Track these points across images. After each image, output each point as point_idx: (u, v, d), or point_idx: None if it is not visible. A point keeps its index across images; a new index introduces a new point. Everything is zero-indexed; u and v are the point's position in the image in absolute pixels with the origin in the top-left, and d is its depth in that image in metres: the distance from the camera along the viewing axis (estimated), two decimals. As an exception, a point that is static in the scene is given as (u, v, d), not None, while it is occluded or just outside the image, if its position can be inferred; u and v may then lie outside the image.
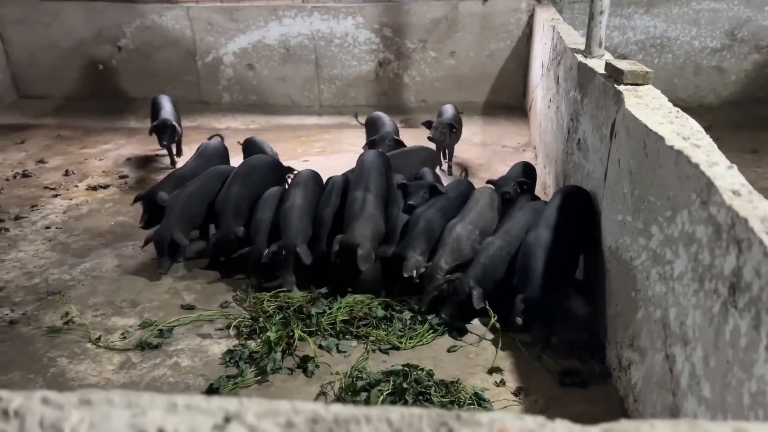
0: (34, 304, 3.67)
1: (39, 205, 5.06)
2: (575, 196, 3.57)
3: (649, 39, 7.07)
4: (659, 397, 2.28)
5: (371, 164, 4.06)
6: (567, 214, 3.43)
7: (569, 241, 3.38)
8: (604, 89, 3.33)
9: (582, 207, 3.50)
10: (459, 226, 3.65)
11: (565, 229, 3.36)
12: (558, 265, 3.24)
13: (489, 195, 4.05)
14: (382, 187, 3.99)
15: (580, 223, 3.46)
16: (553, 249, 3.25)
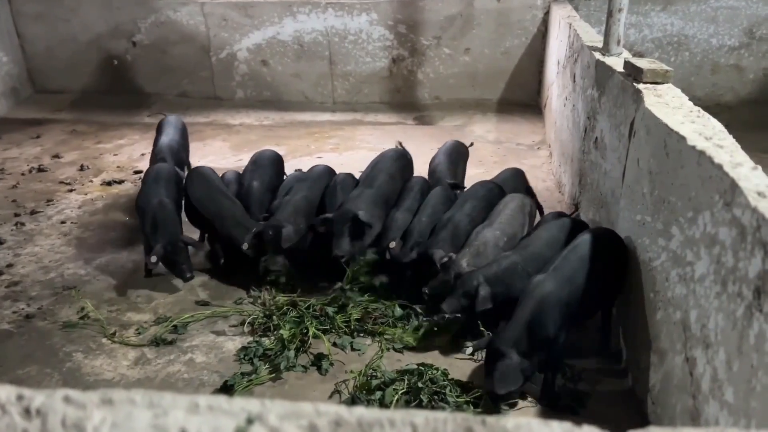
0: (50, 298, 3.69)
1: (54, 200, 5.09)
2: (604, 245, 2.99)
3: (666, 37, 6.99)
4: (678, 400, 2.26)
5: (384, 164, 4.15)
6: (589, 270, 2.86)
7: (582, 302, 2.85)
8: (623, 87, 3.30)
9: (611, 260, 2.98)
10: (487, 231, 3.49)
11: (581, 288, 2.83)
12: (553, 327, 2.76)
13: (520, 199, 3.80)
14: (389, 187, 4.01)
15: (604, 280, 2.96)
16: (554, 307, 2.76)
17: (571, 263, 2.88)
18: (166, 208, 3.78)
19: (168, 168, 4.23)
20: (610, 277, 3.00)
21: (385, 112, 7.26)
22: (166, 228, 3.67)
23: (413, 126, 6.89)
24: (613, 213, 3.37)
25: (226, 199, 3.92)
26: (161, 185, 3.97)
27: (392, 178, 4.08)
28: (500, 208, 3.68)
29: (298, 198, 3.84)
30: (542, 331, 2.72)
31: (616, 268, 3.00)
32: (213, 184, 4.03)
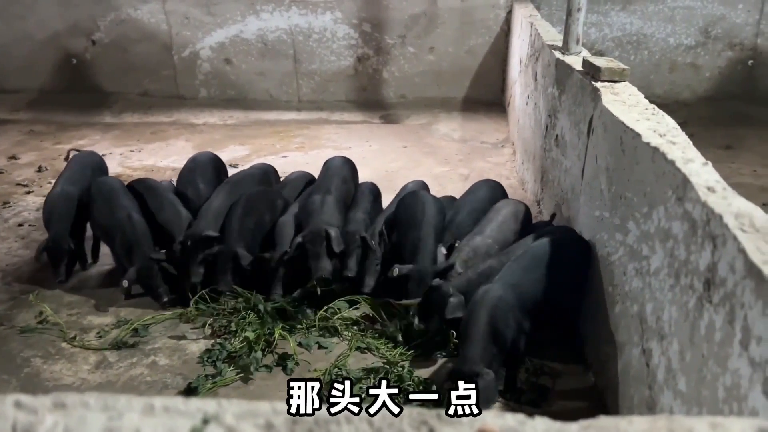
0: (7, 303, 3.60)
1: (11, 202, 4.96)
2: (562, 247, 3.02)
3: (625, 36, 7.15)
4: (636, 391, 2.31)
5: (336, 169, 4.09)
6: (542, 273, 2.89)
7: (536, 306, 2.85)
8: (582, 86, 3.36)
9: (569, 265, 3.00)
10: (478, 238, 3.39)
11: (536, 292, 2.85)
12: (507, 334, 2.73)
13: (514, 205, 3.69)
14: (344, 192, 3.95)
15: (561, 285, 2.96)
16: (503, 314, 2.74)
17: (513, 270, 2.94)
18: (136, 224, 3.58)
19: (117, 180, 4.08)
20: (565, 278, 3.00)
21: (350, 111, 7.27)
22: (140, 248, 3.49)
23: (379, 125, 6.92)
24: (573, 209, 3.43)
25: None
26: (123, 198, 3.76)
27: (345, 182, 4.03)
28: (492, 215, 3.58)
29: (217, 204, 3.74)
30: (501, 339, 2.71)
31: (571, 269, 3.01)
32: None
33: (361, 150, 6.00)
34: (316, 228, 3.45)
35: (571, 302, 3.13)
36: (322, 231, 3.42)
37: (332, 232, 3.42)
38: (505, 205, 3.67)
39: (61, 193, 3.91)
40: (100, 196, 3.78)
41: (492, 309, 2.74)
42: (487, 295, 2.78)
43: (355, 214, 3.79)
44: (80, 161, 4.35)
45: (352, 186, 4.13)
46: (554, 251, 2.98)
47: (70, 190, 3.92)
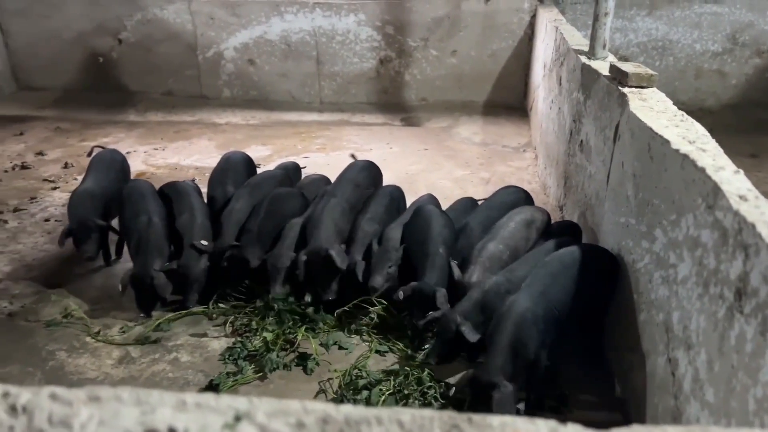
0: (33, 297, 3.66)
1: (38, 198, 5.03)
2: (591, 262, 2.92)
3: (650, 41, 7.08)
4: (661, 401, 2.29)
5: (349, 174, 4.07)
6: (571, 288, 2.82)
7: (562, 319, 2.79)
8: (608, 91, 3.33)
9: (597, 279, 2.91)
10: (491, 244, 3.33)
11: (563, 306, 2.79)
12: (530, 346, 2.66)
13: (530, 212, 3.61)
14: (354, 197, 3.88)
15: (587, 300, 2.89)
16: (529, 327, 2.67)
17: (540, 276, 2.84)
18: (152, 230, 3.57)
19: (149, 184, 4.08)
20: (592, 291, 2.91)
21: (371, 113, 7.27)
22: (145, 256, 3.46)
23: (400, 127, 6.91)
24: (597, 215, 3.41)
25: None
26: (148, 202, 3.76)
27: (358, 187, 3.98)
28: (504, 221, 3.50)
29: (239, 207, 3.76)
30: (524, 351, 2.64)
31: (597, 282, 2.93)
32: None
33: (382, 152, 6.01)
34: (315, 247, 3.39)
35: (597, 315, 3.06)
36: (322, 251, 3.35)
37: (333, 252, 3.34)
38: (519, 213, 3.59)
39: (86, 190, 3.96)
40: (130, 199, 3.79)
41: (518, 322, 2.67)
42: (515, 307, 2.71)
43: (362, 221, 3.68)
44: (104, 161, 4.38)
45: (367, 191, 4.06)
46: (584, 259, 2.91)
47: (94, 189, 3.96)
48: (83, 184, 4.08)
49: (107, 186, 4.04)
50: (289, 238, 3.56)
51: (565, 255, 2.95)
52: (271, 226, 3.65)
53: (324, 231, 3.48)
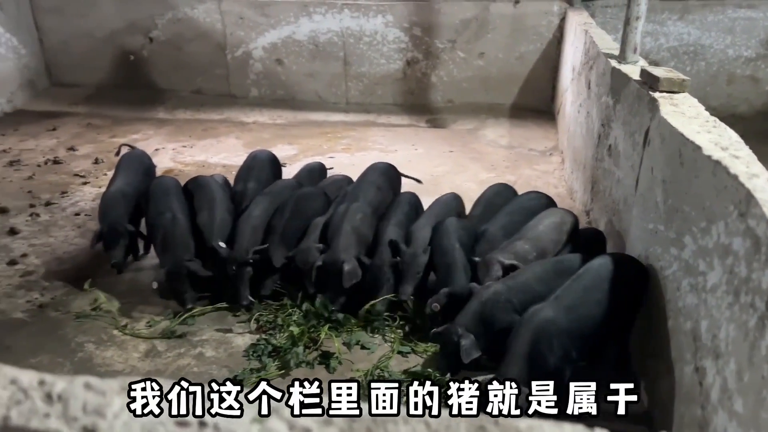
0: (63, 289, 3.73)
1: (69, 192, 5.13)
2: (623, 274, 2.83)
3: (682, 46, 6.97)
4: (687, 410, 2.26)
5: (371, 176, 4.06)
6: (603, 302, 2.75)
7: (591, 332, 2.75)
8: (639, 96, 3.30)
9: (629, 291, 2.84)
10: (517, 244, 3.30)
11: (586, 317, 2.73)
12: (549, 359, 2.62)
13: (560, 215, 3.57)
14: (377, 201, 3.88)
15: (618, 312, 2.82)
16: (548, 338, 2.63)
17: (574, 292, 2.77)
18: (177, 226, 3.63)
19: (175, 180, 4.13)
20: (622, 307, 2.84)
21: (397, 114, 7.28)
22: (174, 251, 3.53)
23: (425, 128, 6.91)
24: (625, 221, 3.37)
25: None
26: (172, 199, 3.82)
27: (380, 190, 3.98)
28: (534, 223, 3.48)
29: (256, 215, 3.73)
30: (542, 363, 2.59)
31: (628, 298, 2.85)
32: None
33: (407, 153, 6.01)
34: (332, 258, 3.39)
35: (626, 324, 2.98)
36: (338, 263, 3.35)
37: (346, 267, 3.33)
38: (551, 215, 3.55)
39: (117, 191, 4.00)
40: (154, 196, 3.86)
41: (537, 331, 2.63)
42: (536, 316, 2.68)
43: (387, 227, 3.67)
44: (133, 163, 4.42)
45: (388, 194, 4.07)
46: (617, 272, 2.82)
47: (126, 190, 4.00)
48: (114, 184, 4.13)
49: (138, 186, 4.10)
50: (314, 234, 3.60)
51: (600, 268, 2.85)
52: (296, 226, 3.68)
53: (342, 240, 3.46)
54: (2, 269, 3.94)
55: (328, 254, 3.42)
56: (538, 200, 3.89)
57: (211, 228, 3.65)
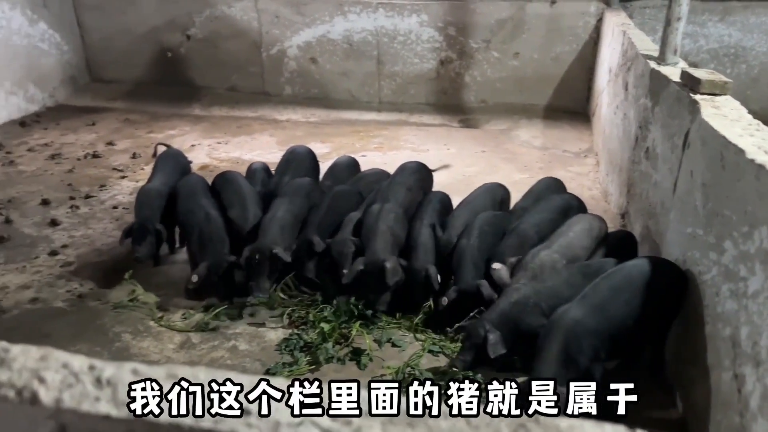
0: (102, 280, 3.82)
1: (107, 185, 5.25)
2: (658, 278, 2.75)
3: (722, 48, 6.84)
4: (725, 418, 2.22)
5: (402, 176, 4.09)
6: (629, 300, 2.71)
7: (619, 335, 2.71)
8: (679, 98, 3.25)
9: (663, 295, 2.78)
10: (544, 253, 3.24)
11: (617, 319, 2.69)
12: (580, 360, 2.60)
13: (589, 221, 3.50)
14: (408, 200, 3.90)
15: (652, 316, 2.76)
16: (578, 339, 2.62)
17: (601, 291, 2.74)
18: (212, 223, 3.68)
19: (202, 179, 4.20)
20: (655, 310, 2.77)
21: (430, 114, 7.28)
22: (213, 245, 3.57)
23: (458, 128, 6.90)
24: (662, 224, 3.32)
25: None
26: (202, 197, 3.90)
27: (410, 190, 4.00)
28: (563, 229, 3.42)
29: (281, 214, 3.75)
30: (574, 363, 2.57)
31: (661, 302, 2.79)
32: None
33: (439, 153, 6.01)
34: (373, 259, 3.39)
35: (661, 329, 2.92)
36: (378, 263, 3.35)
37: (388, 265, 3.34)
38: (579, 221, 3.50)
39: (153, 188, 4.08)
40: (184, 194, 3.94)
41: (567, 333, 2.61)
42: (564, 317, 2.66)
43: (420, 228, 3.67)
44: (170, 162, 4.49)
45: (419, 194, 4.08)
46: (652, 275, 2.76)
47: (162, 189, 4.07)
48: (152, 182, 4.21)
49: (174, 185, 4.16)
50: (349, 227, 3.66)
51: (632, 269, 2.82)
52: (331, 221, 3.74)
53: (380, 241, 3.49)
54: (44, 259, 4.05)
55: (367, 256, 3.43)
56: (573, 201, 3.89)
57: (245, 222, 3.71)
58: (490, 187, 4.08)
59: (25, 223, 4.56)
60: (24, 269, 3.93)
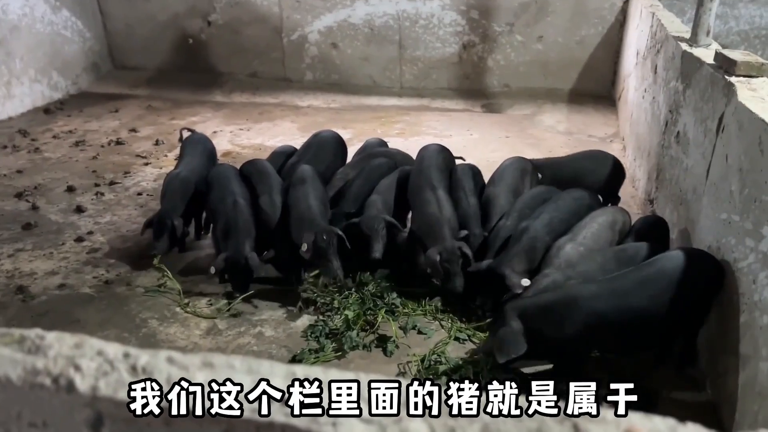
0: (128, 266, 3.85)
1: (131, 172, 5.28)
2: (693, 273, 2.66)
3: (753, 29, 6.66)
4: (762, 408, 2.17)
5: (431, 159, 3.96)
6: (656, 296, 2.64)
7: (633, 327, 2.68)
8: (713, 80, 3.16)
9: (694, 293, 2.69)
10: (569, 246, 3.17)
11: (633, 310, 2.65)
12: (570, 328, 2.66)
13: (612, 213, 3.44)
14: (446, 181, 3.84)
15: (679, 313, 2.68)
16: (578, 311, 2.66)
17: (629, 281, 2.69)
18: (239, 212, 3.63)
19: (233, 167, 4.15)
20: (686, 306, 2.68)
21: (452, 99, 7.21)
22: (236, 236, 3.51)
23: (480, 113, 6.82)
24: (693, 210, 3.25)
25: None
26: (233, 184, 3.85)
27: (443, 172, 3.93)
28: (587, 221, 3.34)
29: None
30: (555, 323, 2.67)
31: (695, 297, 2.70)
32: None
33: (462, 138, 5.94)
34: (450, 246, 3.32)
35: (696, 320, 2.82)
36: (456, 249, 3.30)
37: (467, 251, 3.32)
38: (602, 214, 3.41)
39: (179, 176, 4.03)
40: (216, 182, 3.90)
41: (567, 296, 2.71)
42: (576, 287, 2.74)
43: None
44: (197, 147, 4.45)
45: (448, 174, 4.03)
46: (687, 270, 2.66)
47: (187, 176, 4.04)
48: (179, 167, 4.19)
49: (200, 171, 4.13)
50: (378, 204, 3.69)
51: (668, 263, 2.73)
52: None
53: (446, 229, 3.45)
54: (70, 246, 4.09)
55: (444, 245, 3.34)
56: (585, 200, 3.67)
57: (274, 213, 3.69)
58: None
59: (51, 209, 4.60)
60: (51, 255, 3.97)
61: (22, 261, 3.90)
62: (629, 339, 2.72)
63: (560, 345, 2.70)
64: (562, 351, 2.73)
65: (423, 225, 3.53)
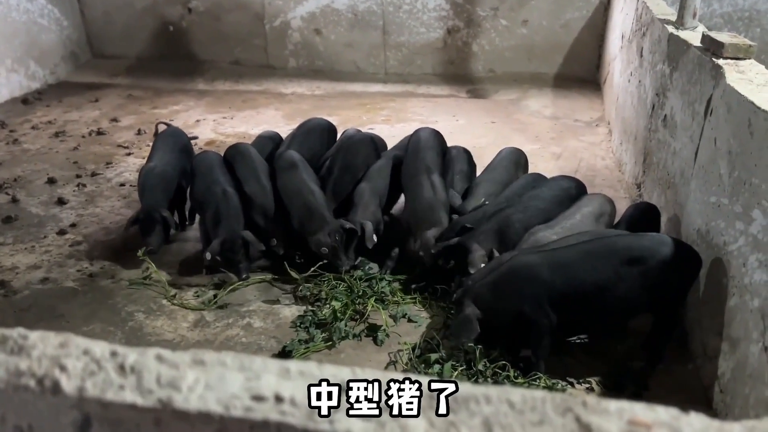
0: (112, 258, 3.78)
1: (113, 163, 5.19)
2: (656, 256, 2.66)
3: (736, 12, 6.66)
4: (753, 390, 2.18)
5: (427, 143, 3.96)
6: (600, 269, 2.68)
7: (585, 299, 2.74)
8: (700, 63, 3.15)
9: (655, 277, 2.65)
10: (542, 233, 3.14)
11: (581, 281, 2.71)
12: (518, 299, 2.77)
13: (599, 205, 3.37)
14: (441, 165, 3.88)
15: (632, 289, 2.68)
16: (525, 281, 2.76)
17: (572, 252, 2.76)
18: (229, 199, 3.61)
19: (219, 156, 4.08)
20: (645, 288, 2.66)
21: (437, 85, 7.16)
22: (228, 221, 3.50)
23: (466, 99, 6.78)
24: (682, 194, 3.25)
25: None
26: (219, 173, 3.80)
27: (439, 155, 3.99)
28: (572, 211, 3.31)
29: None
30: (506, 297, 2.78)
31: (656, 281, 2.65)
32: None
33: (448, 124, 5.90)
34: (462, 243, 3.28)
35: (669, 307, 2.82)
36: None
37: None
38: (588, 204, 3.36)
39: (154, 170, 3.91)
40: (200, 171, 3.84)
41: (513, 269, 2.82)
42: (519, 257, 2.84)
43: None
44: (169, 140, 4.32)
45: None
46: (646, 251, 2.67)
47: (165, 168, 3.94)
48: (154, 162, 4.02)
49: (176, 164, 4.04)
50: (375, 201, 3.73)
51: (619, 241, 2.79)
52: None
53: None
54: (53, 239, 4.01)
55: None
56: (572, 189, 3.61)
57: (265, 199, 3.67)
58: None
59: (32, 202, 4.51)
60: (33, 249, 3.89)
61: (3, 255, 3.82)
62: (578, 311, 2.78)
63: (519, 317, 2.76)
64: (523, 323, 2.77)
65: (419, 208, 3.53)
